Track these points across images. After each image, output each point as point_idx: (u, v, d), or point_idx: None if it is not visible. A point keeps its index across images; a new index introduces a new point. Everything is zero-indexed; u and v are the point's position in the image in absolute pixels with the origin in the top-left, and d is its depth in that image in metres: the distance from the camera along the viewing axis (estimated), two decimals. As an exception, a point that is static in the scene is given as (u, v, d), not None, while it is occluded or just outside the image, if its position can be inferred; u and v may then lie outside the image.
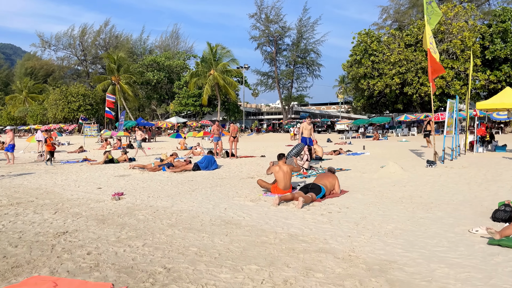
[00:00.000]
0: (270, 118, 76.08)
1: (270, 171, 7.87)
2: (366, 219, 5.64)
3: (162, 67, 63.13)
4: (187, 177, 11.04)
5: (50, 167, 14.96)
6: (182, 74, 65.34)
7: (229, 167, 13.24)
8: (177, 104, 58.01)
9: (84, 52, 78.43)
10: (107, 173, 12.50)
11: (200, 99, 55.98)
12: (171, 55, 68.15)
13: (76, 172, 13.04)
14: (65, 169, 14.32)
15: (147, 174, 11.88)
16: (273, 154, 19.16)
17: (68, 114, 62.86)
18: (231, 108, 59.25)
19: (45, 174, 12.60)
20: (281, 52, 66.97)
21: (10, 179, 11.21)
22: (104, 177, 11.38)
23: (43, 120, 70.15)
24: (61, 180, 10.96)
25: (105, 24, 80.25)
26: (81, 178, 11.24)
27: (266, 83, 67.45)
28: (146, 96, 65.61)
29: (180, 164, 12.96)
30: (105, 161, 15.79)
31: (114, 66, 56.20)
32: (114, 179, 10.83)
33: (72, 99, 61.98)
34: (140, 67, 63.92)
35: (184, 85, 59.54)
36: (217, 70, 50.04)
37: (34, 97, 77.72)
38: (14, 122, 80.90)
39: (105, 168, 14.00)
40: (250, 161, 15.44)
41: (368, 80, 39.51)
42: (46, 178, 11.35)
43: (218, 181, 10.09)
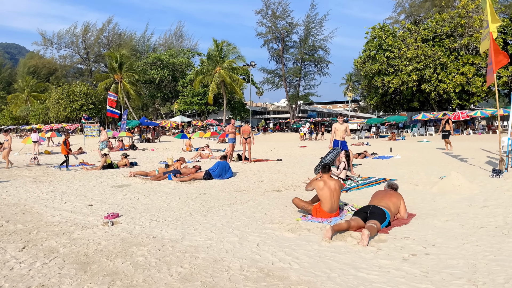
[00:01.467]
0: (277, 117, 74.16)
1: (311, 186, 5.99)
2: (475, 269, 3.75)
3: (166, 65, 61.40)
4: (197, 188, 9.19)
5: (40, 174, 13.16)
6: (186, 72, 63.57)
7: (246, 175, 11.38)
8: (182, 103, 56.24)
9: (87, 51, 76.90)
10: (104, 182, 10.67)
11: (205, 98, 54.19)
12: (175, 52, 66.39)
13: (68, 180, 11.22)
14: (56, 176, 12.51)
15: (149, 184, 10.04)
16: (290, 158, 17.28)
17: (71, 113, 61.31)
18: (237, 107, 57.40)
19: (31, 183, 10.79)
20: (288, 49, 65.04)
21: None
22: (99, 188, 9.54)
23: (46, 120, 68.63)
24: (47, 192, 9.13)
25: (108, 22, 78.75)
26: (71, 190, 9.40)
27: (272, 81, 65.50)
28: (149, 95, 63.95)
29: (188, 172, 11.11)
30: (103, 166, 13.97)
31: (116, 65, 54.49)
32: (110, 191, 8.99)
33: (74, 98, 60.42)
34: (144, 65, 62.23)
35: (188, 84, 57.76)
36: (223, 68, 48.18)
37: (37, 96, 76.27)
38: (16, 122, 79.52)
39: (102, 175, 12.17)
40: (267, 167, 13.56)
41: (382, 77, 37.51)
42: (30, 189, 9.53)
43: (237, 195, 8.22)
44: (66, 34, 76.35)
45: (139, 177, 10.92)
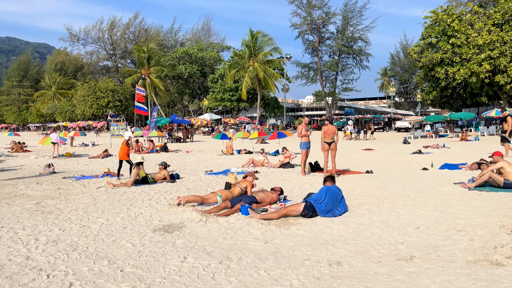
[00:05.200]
0: (311, 114, 69.56)
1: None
2: None
3: (195, 59, 57.95)
4: (304, 243, 5.18)
5: (50, 193, 9.49)
6: (215, 67, 59.99)
7: (361, 205, 7.28)
8: (212, 99, 52.63)
9: (113, 46, 74.60)
10: (139, 216, 6.85)
11: (237, 94, 50.40)
12: (204, 46, 62.91)
13: (84, 209, 7.46)
14: (71, 196, 8.80)
15: (215, 224, 6.11)
16: (373, 166, 13.07)
17: (97, 110, 58.94)
18: (271, 103, 53.35)
19: (28, 214, 7.09)
20: (324, 41, 60.54)
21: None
22: (132, 234, 5.70)
23: (72, 117, 66.71)
24: (45, 241, 5.37)
25: (135, 17, 76.20)
26: (85, 240, 5.60)
27: (307, 76, 61.19)
28: (177, 91, 60.73)
29: (268, 198, 7.15)
30: (135, 180, 10.21)
31: (144, 55, 51.37)
32: (152, 247, 5.12)
33: (100, 95, 57.98)
34: (171, 60, 59.04)
35: (218, 79, 54.11)
36: (258, 61, 44.21)
37: (63, 93, 74.67)
38: (43, 119, 78.30)
39: (136, 199, 8.37)
40: (372, 186, 9.41)
41: (446, 68, 32.54)
42: (19, 233, 5.82)
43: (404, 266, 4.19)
44: (93, 29, 74.32)
45: (194, 209, 7.00)
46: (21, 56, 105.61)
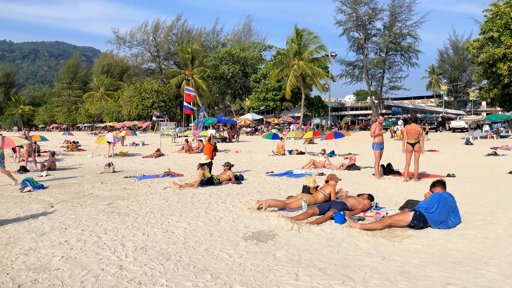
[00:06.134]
0: (355, 114, 67.58)
1: None
2: None
3: (237, 59, 57.88)
4: (432, 261, 4.45)
5: (118, 193, 9.26)
6: (258, 66, 59.64)
7: (479, 218, 6.40)
8: (255, 99, 52.22)
9: (157, 48, 76.26)
10: (221, 220, 6.38)
11: (281, 93, 49.70)
12: (246, 46, 62.76)
13: (159, 209, 7.09)
14: (141, 197, 8.50)
15: (309, 232, 5.50)
16: (453, 170, 11.96)
17: (142, 111, 60.31)
18: (315, 103, 52.20)
19: (105, 216, 6.81)
20: (371, 37, 58.48)
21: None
22: (222, 241, 5.21)
23: (118, 117, 68.77)
24: (133, 247, 4.99)
25: (177, 19, 77.47)
26: (176, 241, 5.17)
27: (352, 74, 59.38)
28: (219, 91, 60.97)
29: (358, 205, 6.44)
30: (200, 181, 9.81)
31: (188, 56, 51.93)
32: (252, 256, 4.58)
33: (146, 96, 59.29)
34: (214, 60, 59.34)
35: (261, 78, 53.69)
36: (303, 59, 43.32)
37: (110, 94, 77.24)
38: (92, 120, 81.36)
39: (210, 201, 7.93)
40: (477, 193, 8.44)
41: (509, 63, 30.22)
42: (102, 238, 5.48)
43: None
44: (138, 32, 76.33)
45: (280, 215, 6.41)
46: (70, 59, 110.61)
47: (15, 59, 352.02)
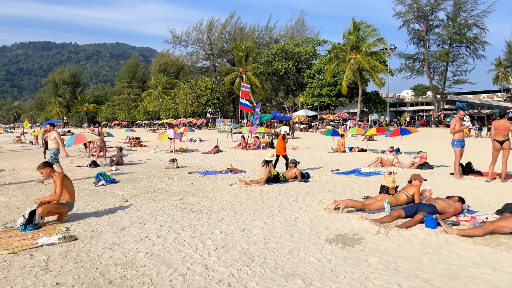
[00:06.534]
0: (415, 110, 64.28)
1: None
2: None
3: (290, 55, 57.29)
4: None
5: (186, 188, 9.31)
6: (312, 61, 58.62)
7: None
8: (309, 95, 51.37)
9: (211, 46, 77.61)
10: (298, 220, 6.12)
11: (336, 89, 48.46)
12: (299, 42, 61.94)
13: (230, 206, 6.95)
14: (207, 191, 8.46)
15: (399, 237, 5.07)
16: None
17: (197, 108, 61.75)
18: (373, 98, 50.30)
19: (179, 211, 6.79)
20: (433, 29, 55.22)
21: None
22: (305, 243, 4.95)
23: (174, 115, 71.01)
24: (213, 246, 4.87)
25: (231, 16, 78.21)
26: (256, 241, 4.98)
27: (412, 68, 56.53)
28: (272, 88, 60.79)
29: (449, 208, 5.86)
30: (267, 179, 9.61)
31: (242, 54, 52.30)
32: (342, 261, 4.29)
33: (200, 93, 60.62)
34: (267, 57, 59.22)
35: (315, 74, 52.70)
36: (360, 53, 41.86)
37: (167, 92, 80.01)
38: (150, 117, 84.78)
39: (281, 200, 7.69)
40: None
41: None
42: (181, 235, 5.42)
43: None
44: (193, 31, 78.13)
45: (363, 217, 6.01)
46: (130, 59, 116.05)
47: (80, 60, 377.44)
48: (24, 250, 4.82)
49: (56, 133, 10.71)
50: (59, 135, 10.87)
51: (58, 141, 10.63)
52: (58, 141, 10.62)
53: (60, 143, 10.67)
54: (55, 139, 10.60)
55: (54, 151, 10.60)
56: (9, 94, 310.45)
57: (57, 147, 10.67)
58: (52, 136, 10.68)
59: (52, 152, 10.61)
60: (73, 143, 14.48)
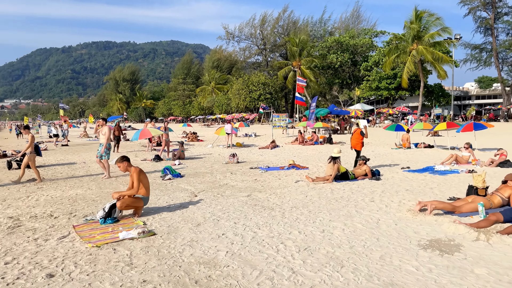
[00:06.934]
0: (482, 103, 59.81)
1: None
2: None
3: (346, 47, 55.54)
4: None
5: (251, 183, 9.14)
6: (369, 53, 56.44)
7: None
8: (366, 89, 49.53)
9: (264, 41, 77.44)
10: (380, 222, 5.70)
11: (395, 81, 46.27)
12: (355, 33, 59.87)
13: (302, 204, 6.65)
14: (273, 187, 8.21)
15: (508, 249, 4.49)
16: None
17: (249, 103, 62.01)
18: (435, 91, 47.44)
19: (250, 207, 6.61)
20: (501, 17, 50.89)
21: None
22: (396, 248, 4.59)
23: (227, 110, 71.96)
24: (295, 248, 4.63)
25: (284, 10, 77.39)
26: (340, 243, 4.67)
27: (478, 58, 52.58)
28: (326, 82, 59.42)
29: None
30: (335, 176, 9.19)
31: (296, 49, 51.61)
32: (444, 271, 3.89)
33: (253, 88, 60.76)
34: (321, 50, 57.90)
35: (373, 66, 50.68)
36: (423, 43, 39.52)
37: (220, 88, 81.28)
38: (203, 112, 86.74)
39: (356, 200, 7.27)
40: None
41: None
42: (258, 234, 5.21)
43: None
44: (246, 26, 78.44)
45: (457, 220, 5.45)
46: (184, 56, 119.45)
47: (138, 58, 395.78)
48: (107, 243, 4.87)
49: (107, 128, 10.53)
50: (110, 130, 10.74)
51: (108, 136, 10.39)
52: (108, 136, 10.38)
53: (107, 138, 10.34)
54: (106, 134, 10.39)
55: (106, 146, 10.48)
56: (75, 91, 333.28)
57: (109, 142, 10.49)
58: (104, 131, 10.50)
59: (103, 147, 10.42)
60: (138, 138, 14.97)
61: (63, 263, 4.25)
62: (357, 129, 11.16)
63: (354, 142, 11.05)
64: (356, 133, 11.06)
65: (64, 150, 20.68)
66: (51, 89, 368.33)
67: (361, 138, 10.93)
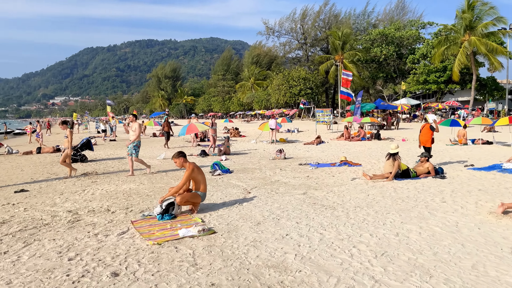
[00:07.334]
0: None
1: None
2: None
3: (391, 40, 53.42)
4: None
5: (304, 180, 8.74)
6: (415, 46, 54.01)
7: None
8: (413, 82, 47.42)
9: (304, 35, 76.34)
10: (460, 225, 5.18)
11: (445, 74, 43.93)
12: (401, 25, 57.49)
13: (365, 204, 6.19)
14: (329, 185, 7.78)
15: None
16: None
17: (290, 98, 61.36)
18: (489, 84, 44.60)
19: (309, 206, 6.23)
20: None
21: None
22: (486, 255, 4.09)
23: (267, 106, 71.71)
24: (370, 253, 4.23)
25: (325, 4, 75.84)
26: (420, 249, 4.22)
27: (538, 49, 48.75)
28: (370, 76, 57.57)
29: None
30: (395, 174, 8.60)
31: (338, 42, 50.36)
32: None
33: (293, 83, 60.04)
34: (365, 43, 56.10)
35: (420, 59, 48.43)
36: (476, 34, 37.18)
37: (259, 84, 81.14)
38: (243, 108, 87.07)
39: (424, 200, 6.71)
40: None
41: None
42: (325, 235, 4.85)
43: None
44: (286, 21, 77.69)
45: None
46: (224, 53, 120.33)
47: (178, 56, 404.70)
48: (167, 241, 4.69)
49: (137, 125, 10.07)
50: (141, 126, 10.33)
51: (138, 133, 9.98)
52: (138, 133, 9.98)
53: (137, 134, 9.98)
54: (136, 130, 9.97)
55: (135, 143, 10.03)
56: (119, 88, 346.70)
57: (139, 139, 10.10)
58: (134, 127, 10.06)
59: (133, 144, 10.03)
60: (185, 133, 14.99)
61: (126, 261, 4.10)
62: (425, 124, 10.53)
63: (424, 138, 10.43)
64: (425, 129, 10.42)
65: (112, 145, 21.26)
66: (97, 86, 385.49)
67: (431, 133, 10.30)
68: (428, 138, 10.30)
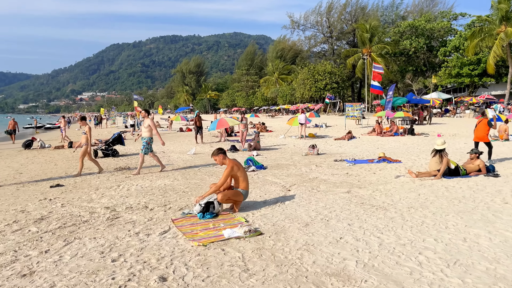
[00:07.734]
0: None
1: None
2: None
3: (422, 32, 51.62)
4: None
5: (343, 177, 8.30)
6: (447, 38, 52.02)
7: None
8: (445, 76, 45.72)
9: (330, 29, 74.96)
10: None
11: (479, 67, 42.10)
12: (432, 17, 55.48)
13: (418, 204, 5.73)
14: (374, 183, 7.32)
15: None
16: None
17: (315, 93, 60.46)
18: (526, 78, 42.42)
19: (357, 206, 5.81)
20: None
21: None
22: None
23: (291, 100, 71.00)
24: (440, 260, 3.80)
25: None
26: (494, 257, 3.74)
27: None
28: (398, 69, 55.92)
29: None
30: (443, 172, 8.05)
31: (366, 35, 49.09)
32: None
33: (319, 78, 59.08)
34: (393, 35, 54.46)
35: (452, 51, 46.59)
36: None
37: (284, 78, 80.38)
38: (267, 103, 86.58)
39: (484, 201, 6.18)
40: None
41: None
42: (390, 241, 4.44)
43: None
44: (312, 14, 76.48)
45: None
46: (248, 48, 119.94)
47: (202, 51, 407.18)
48: (212, 242, 4.40)
49: (150, 121, 9.59)
50: (154, 122, 9.85)
51: (153, 129, 9.56)
52: (152, 129, 9.55)
53: (155, 131, 9.59)
54: (149, 126, 9.53)
55: (146, 140, 9.55)
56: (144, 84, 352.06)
57: (150, 135, 9.59)
58: (146, 123, 9.60)
59: (145, 141, 9.57)
60: (216, 128, 14.76)
61: (172, 263, 3.83)
62: (482, 119, 9.95)
63: (480, 133, 9.87)
64: (482, 124, 9.85)
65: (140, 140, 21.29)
66: (123, 82, 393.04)
67: (488, 129, 9.76)
68: (485, 133, 9.74)
